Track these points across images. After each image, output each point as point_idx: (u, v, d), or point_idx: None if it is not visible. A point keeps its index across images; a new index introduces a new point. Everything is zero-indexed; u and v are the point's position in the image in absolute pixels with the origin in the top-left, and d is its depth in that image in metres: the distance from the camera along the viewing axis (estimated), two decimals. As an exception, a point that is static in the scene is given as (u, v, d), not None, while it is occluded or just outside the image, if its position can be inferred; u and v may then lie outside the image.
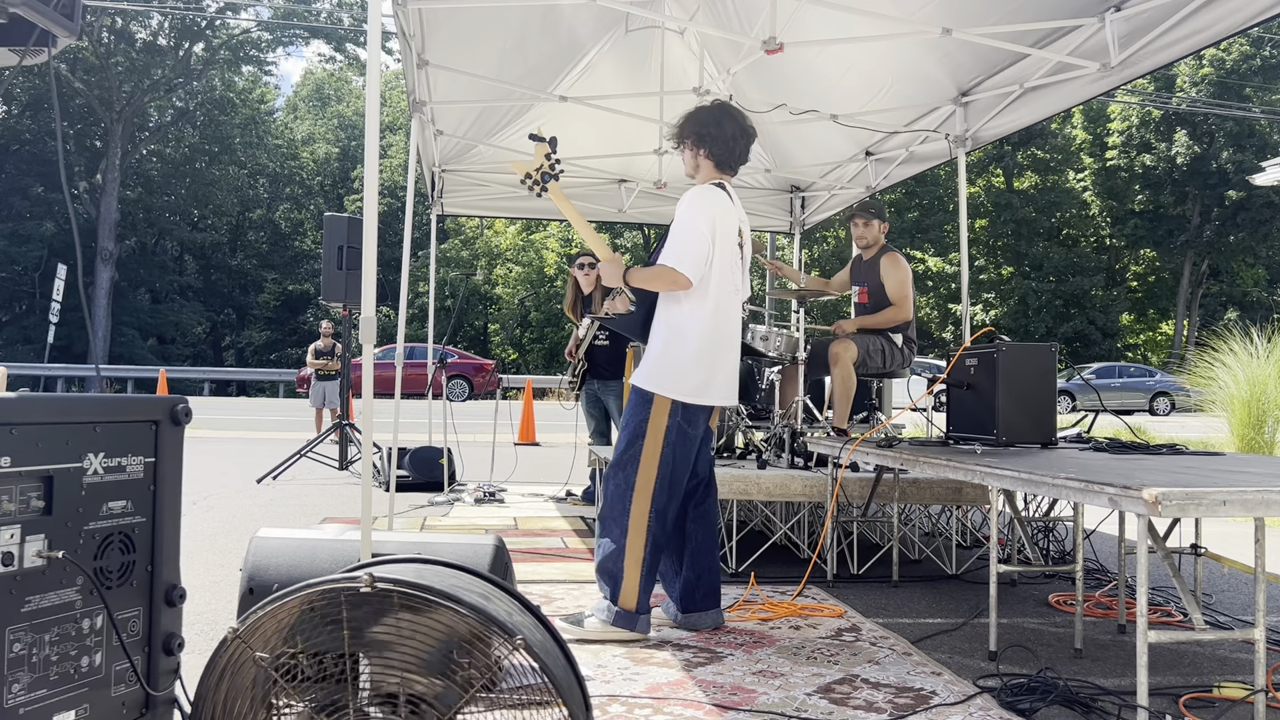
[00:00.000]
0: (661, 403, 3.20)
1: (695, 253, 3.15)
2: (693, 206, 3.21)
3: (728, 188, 3.34)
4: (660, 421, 3.20)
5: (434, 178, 7.91)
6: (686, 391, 3.20)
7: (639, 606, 3.17)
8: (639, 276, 3.25)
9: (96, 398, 1.84)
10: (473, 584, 1.63)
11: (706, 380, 3.22)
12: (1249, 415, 8.01)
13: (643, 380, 3.25)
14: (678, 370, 3.20)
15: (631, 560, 3.17)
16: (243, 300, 40.63)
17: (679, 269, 3.13)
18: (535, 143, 3.36)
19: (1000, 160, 34.86)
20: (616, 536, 3.20)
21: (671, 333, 3.23)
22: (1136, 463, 2.95)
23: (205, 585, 3.94)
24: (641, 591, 3.17)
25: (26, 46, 2.22)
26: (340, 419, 8.70)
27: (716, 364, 3.24)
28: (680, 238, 3.17)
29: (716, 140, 3.31)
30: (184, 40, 35.50)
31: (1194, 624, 2.42)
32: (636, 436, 3.21)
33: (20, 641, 1.66)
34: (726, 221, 3.24)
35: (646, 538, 3.18)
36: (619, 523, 3.20)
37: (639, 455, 3.20)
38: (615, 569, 3.18)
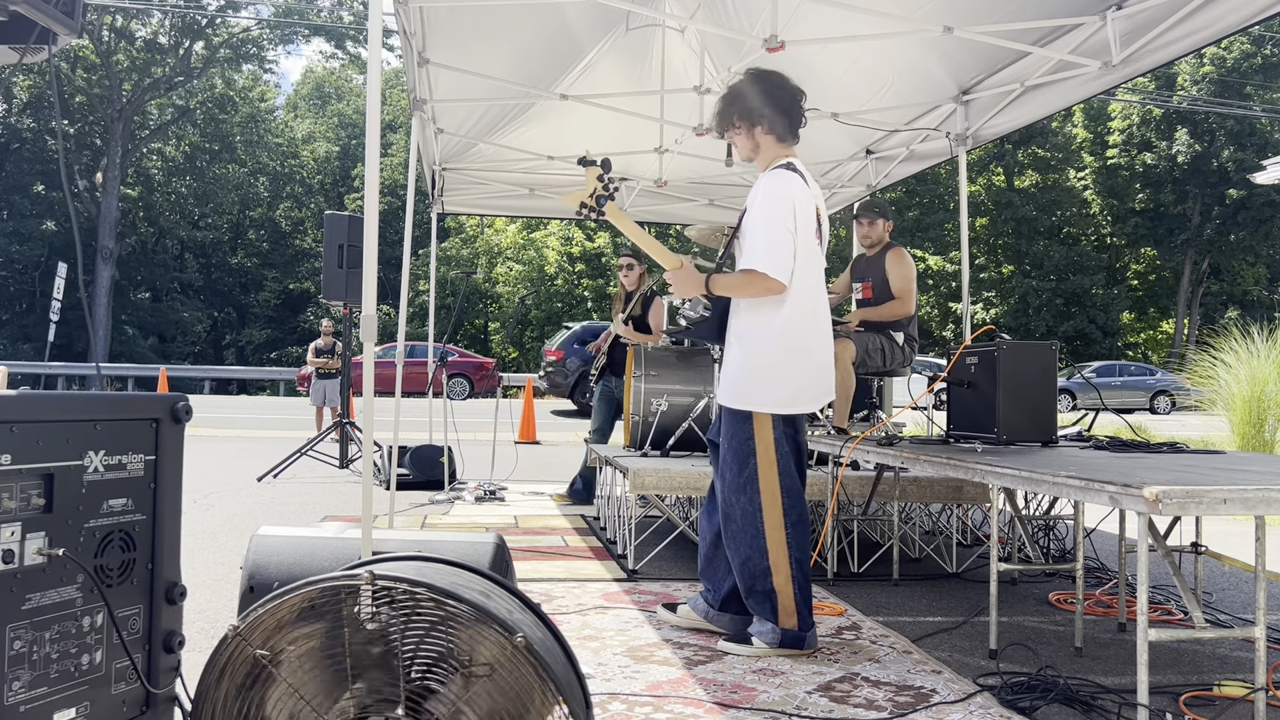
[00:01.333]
0: (761, 419, 3.04)
1: (781, 252, 2.94)
2: (770, 198, 2.98)
3: (798, 166, 3.11)
4: (766, 436, 3.04)
5: (434, 176, 7.91)
6: (780, 402, 3.03)
7: (801, 624, 3.03)
8: (723, 285, 3.05)
9: (97, 396, 1.84)
10: (473, 582, 1.63)
11: (801, 384, 3.05)
12: (1249, 414, 8.00)
13: (731, 399, 3.08)
14: (768, 382, 3.02)
15: (781, 579, 3.03)
16: (243, 299, 40.63)
17: (769, 273, 2.93)
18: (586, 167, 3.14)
19: (1001, 159, 34.85)
20: (759, 560, 3.04)
21: (750, 342, 3.05)
22: (1137, 461, 2.95)
23: (206, 583, 3.94)
24: (799, 607, 3.03)
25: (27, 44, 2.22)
26: (341, 417, 8.70)
27: (810, 364, 3.06)
28: (762, 236, 2.96)
29: (769, 112, 3.08)
30: (185, 38, 35.48)
31: (1194, 622, 2.42)
32: (747, 456, 3.05)
33: (21, 639, 1.66)
34: (805, 207, 3.03)
35: (790, 553, 3.04)
36: (756, 545, 3.04)
37: (755, 474, 3.04)
38: (767, 590, 3.04)
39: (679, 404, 5.17)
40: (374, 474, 6.14)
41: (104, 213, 32.57)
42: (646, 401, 5.19)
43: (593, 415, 6.61)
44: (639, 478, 4.15)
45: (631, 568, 4.32)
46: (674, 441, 5.05)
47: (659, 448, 5.14)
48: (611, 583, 4.09)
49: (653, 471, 4.17)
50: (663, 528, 5.28)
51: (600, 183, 3.13)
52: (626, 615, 3.53)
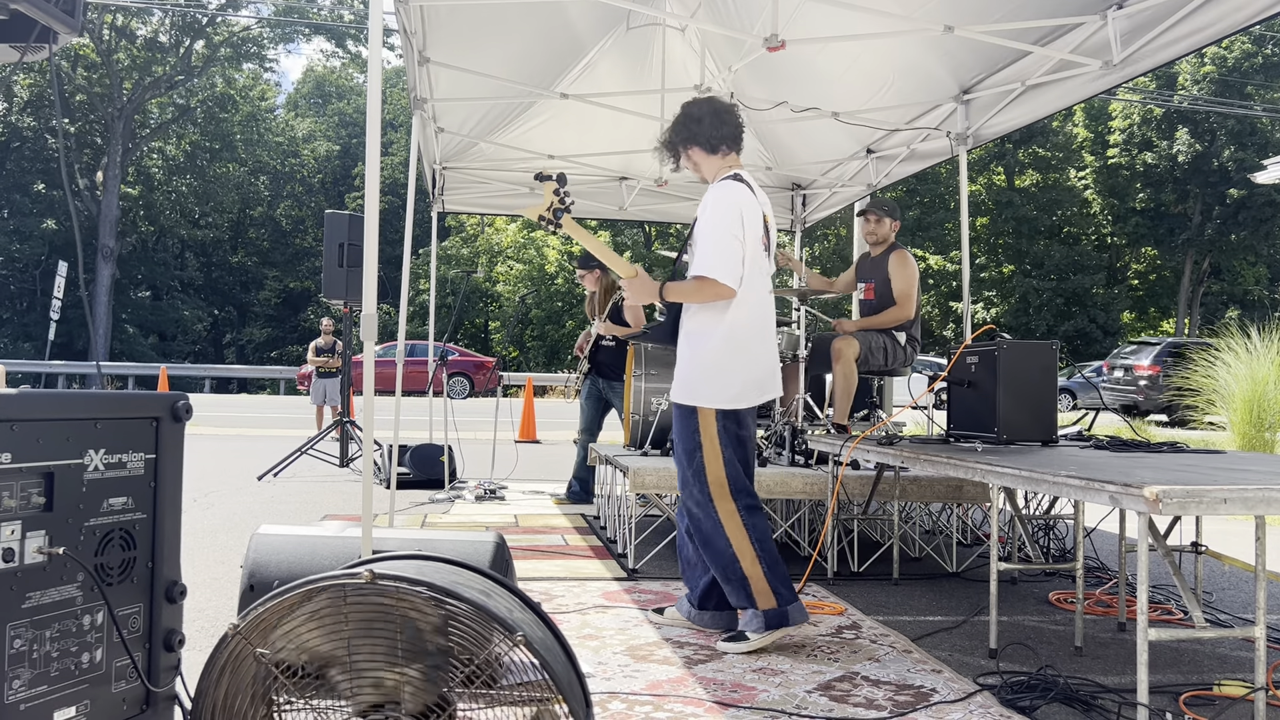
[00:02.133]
0: (705, 414, 3.16)
1: (730, 257, 3.08)
2: (717, 207, 3.14)
3: (745, 176, 3.26)
4: (710, 430, 3.16)
5: (435, 175, 7.91)
6: (727, 399, 3.15)
7: (780, 600, 3.10)
8: (675, 292, 3.19)
9: (97, 394, 1.84)
10: (473, 581, 1.63)
11: (746, 383, 3.17)
12: (1249, 414, 8.00)
13: (681, 395, 3.21)
14: (713, 379, 3.15)
15: (749, 563, 3.11)
16: (243, 297, 40.64)
17: (719, 279, 3.07)
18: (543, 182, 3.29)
19: (1001, 158, 34.83)
20: (723, 548, 3.14)
21: (698, 341, 3.19)
22: (1137, 461, 2.95)
23: (206, 582, 3.94)
24: (772, 585, 3.10)
25: (28, 43, 2.22)
26: (341, 416, 8.70)
27: (752, 363, 3.18)
28: (711, 244, 3.10)
29: (696, 131, 3.25)
30: (185, 37, 35.48)
31: (1194, 622, 2.42)
32: (694, 449, 3.18)
33: (21, 638, 1.66)
34: (752, 215, 3.16)
35: (749, 534, 3.12)
36: (718, 533, 3.14)
37: (703, 467, 3.16)
38: (739, 578, 3.12)
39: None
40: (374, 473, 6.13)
41: (104, 211, 32.58)
42: (646, 400, 5.19)
43: (580, 416, 6.63)
44: (639, 477, 4.15)
45: (631, 567, 4.32)
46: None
47: (659, 446, 5.14)
48: (611, 582, 4.09)
49: (653, 470, 4.17)
50: (663, 527, 5.28)
51: (556, 197, 3.28)
52: (626, 614, 3.53)
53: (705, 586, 3.31)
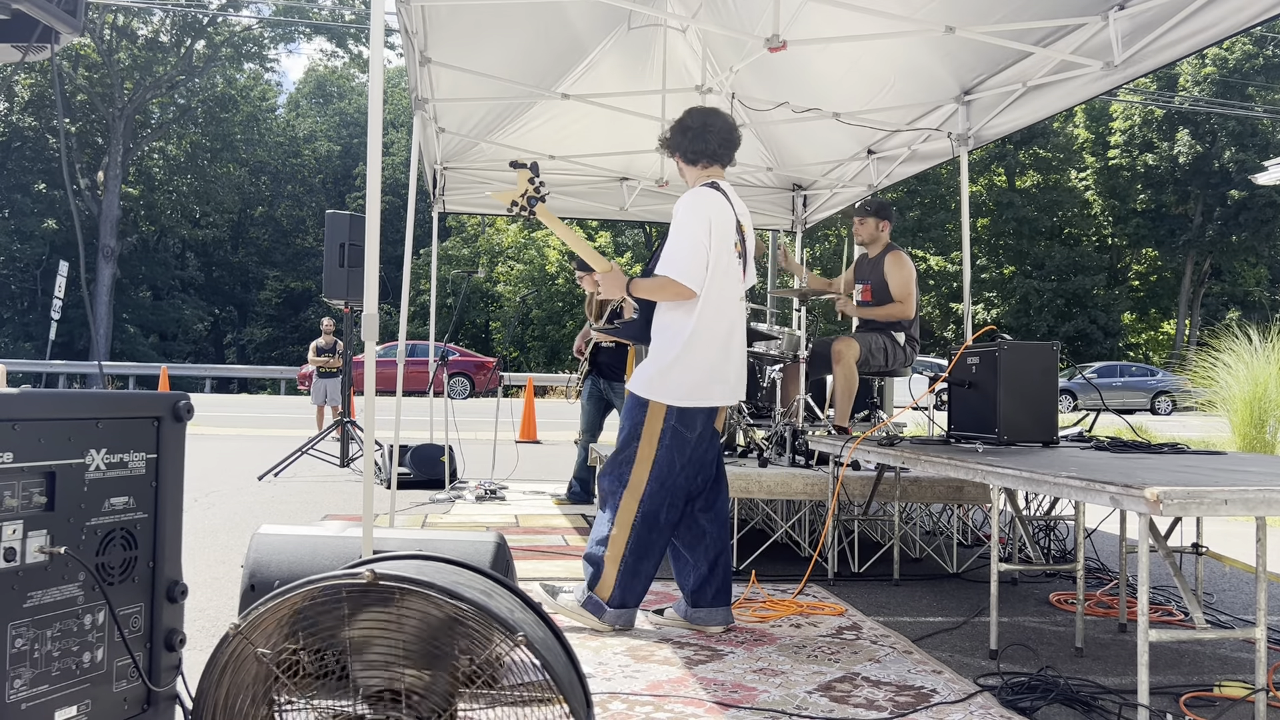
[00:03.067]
0: (655, 407, 3.24)
1: (694, 261, 3.16)
2: (687, 211, 3.22)
3: (722, 186, 3.34)
4: (655, 425, 3.24)
5: (436, 175, 7.91)
6: (679, 396, 3.22)
7: (611, 600, 3.23)
8: (642, 288, 3.28)
9: (98, 394, 1.84)
10: (474, 581, 1.63)
11: (700, 383, 3.23)
12: (1250, 415, 8.00)
13: (637, 385, 3.30)
14: (669, 375, 3.22)
15: (612, 554, 3.24)
16: (244, 297, 40.65)
17: (680, 280, 3.16)
18: (517, 169, 3.37)
19: (1002, 159, 34.83)
20: (605, 528, 3.28)
21: (663, 338, 3.27)
22: (1138, 462, 2.95)
23: (207, 582, 3.94)
24: (618, 586, 3.23)
25: (29, 43, 2.22)
26: (342, 416, 8.70)
27: (712, 367, 3.25)
28: (677, 246, 3.18)
29: (682, 141, 3.36)
30: (186, 37, 35.50)
31: (1195, 623, 2.42)
32: (632, 439, 3.27)
33: (22, 637, 1.66)
34: (723, 221, 3.24)
35: (630, 535, 3.23)
36: (609, 515, 3.28)
37: (633, 457, 3.26)
38: (598, 558, 3.27)
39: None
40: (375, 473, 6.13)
41: (105, 211, 32.60)
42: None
43: (581, 416, 6.62)
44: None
45: (632, 567, 4.32)
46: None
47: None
48: (612, 582, 4.09)
49: (653, 471, 4.16)
50: (663, 527, 5.28)
51: (531, 185, 3.36)
52: (627, 615, 3.53)
53: (697, 583, 3.34)
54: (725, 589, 3.35)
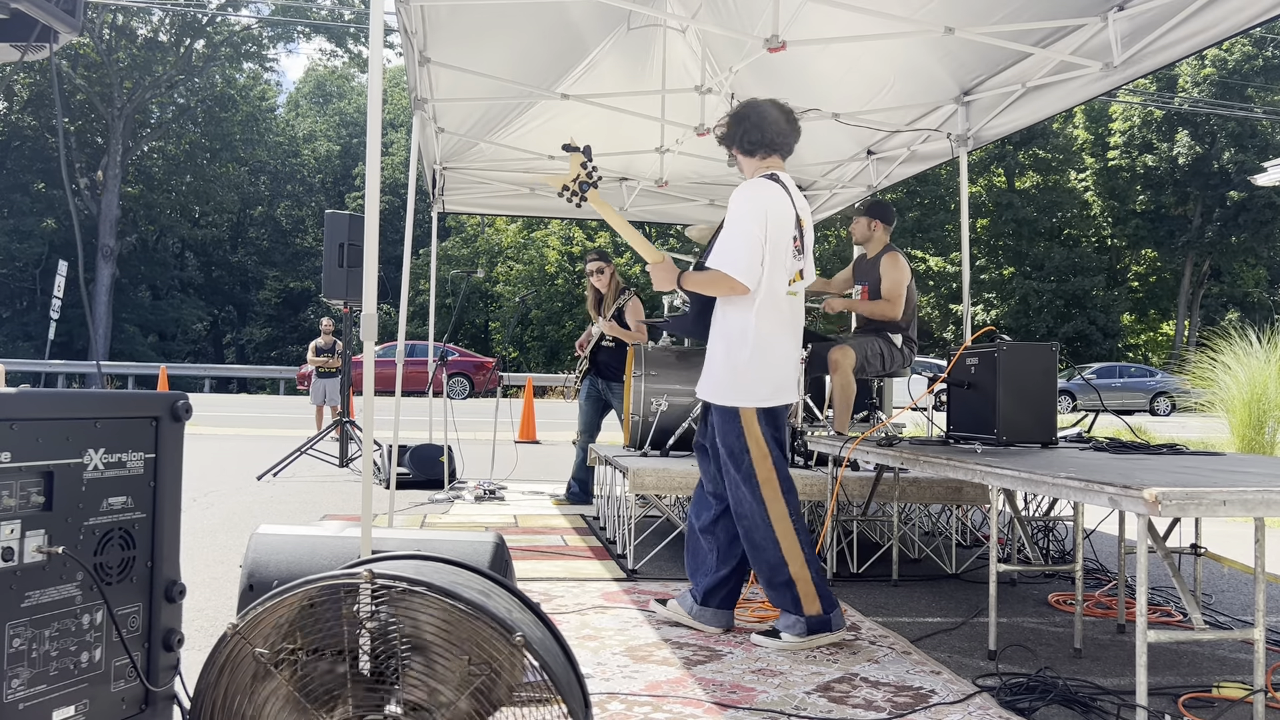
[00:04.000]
0: (748, 414, 3.18)
1: (748, 255, 3.09)
2: (742, 203, 3.14)
3: (781, 178, 3.25)
4: (754, 431, 3.17)
5: (435, 175, 7.91)
6: (765, 397, 3.17)
7: (825, 607, 3.12)
8: (693, 281, 3.21)
9: (97, 393, 1.84)
10: (472, 581, 1.63)
11: (777, 382, 3.19)
12: (1249, 416, 8.00)
13: (720, 397, 3.21)
14: (746, 379, 3.16)
15: (797, 567, 3.13)
16: (243, 297, 40.64)
17: (733, 274, 3.08)
18: (570, 153, 3.28)
19: (1002, 160, 34.84)
20: (771, 552, 3.15)
21: (732, 342, 3.19)
22: (1136, 462, 2.95)
23: (205, 582, 3.94)
24: (819, 591, 3.12)
25: (28, 42, 2.22)
26: (341, 416, 8.70)
27: (783, 362, 3.21)
28: (731, 240, 3.11)
29: (737, 131, 3.28)
30: (185, 36, 35.49)
31: (1193, 624, 2.42)
32: (741, 452, 3.18)
33: (20, 637, 1.66)
34: (780, 214, 3.16)
35: (799, 541, 3.14)
36: (768, 538, 3.15)
37: (752, 470, 3.17)
38: (785, 581, 3.14)
39: (679, 404, 5.17)
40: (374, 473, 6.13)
41: (104, 211, 32.58)
42: (646, 401, 5.19)
43: (579, 417, 6.61)
44: (639, 477, 4.15)
45: (631, 567, 4.32)
46: (674, 441, 5.05)
47: (659, 447, 5.14)
48: (611, 582, 4.09)
49: (652, 471, 4.17)
50: (662, 527, 5.28)
51: (584, 169, 3.29)
52: (626, 615, 3.53)
53: (714, 583, 3.31)
54: (735, 595, 3.34)
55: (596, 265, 6.56)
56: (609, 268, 6.55)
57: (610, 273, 6.53)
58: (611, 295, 6.44)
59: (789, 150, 3.34)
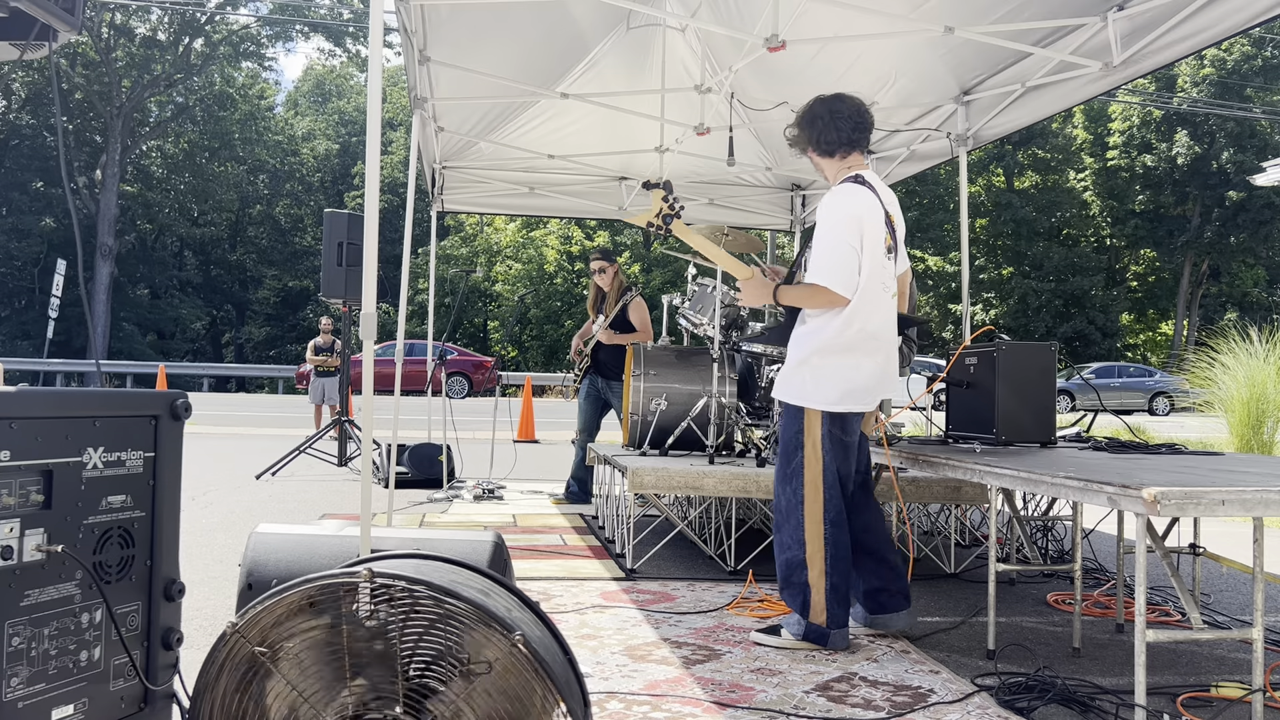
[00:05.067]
0: (811, 415, 3.13)
1: (845, 266, 3.04)
2: (831, 212, 3.10)
3: (866, 177, 3.20)
4: (815, 432, 3.13)
5: (434, 174, 7.90)
6: (832, 401, 3.12)
7: (830, 621, 3.09)
8: (790, 296, 3.16)
9: (96, 392, 1.84)
10: (472, 580, 1.63)
11: (852, 386, 3.12)
12: (1248, 415, 8.01)
13: (787, 395, 3.18)
14: (819, 381, 3.12)
15: (815, 574, 3.10)
16: (242, 296, 40.62)
17: (832, 288, 3.03)
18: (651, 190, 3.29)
19: (1001, 159, 34.86)
20: (796, 551, 3.13)
21: (808, 344, 3.15)
22: (1135, 462, 2.96)
23: (204, 580, 3.94)
24: (829, 604, 3.09)
25: (27, 41, 2.22)
26: (339, 415, 8.70)
27: (862, 367, 3.13)
28: (827, 252, 3.06)
29: (811, 133, 3.24)
30: (184, 35, 35.47)
31: (1192, 624, 2.42)
32: (794, 449, 3.16)
33: (19, 635, 1.66)
34: (872, 217, 3.10)
35: (826, 549, 3.10)
36: (796, 536, 3.13)
37: (801, 468, 3.14)
38: (801, 582, 3.12)
39: (678, 403, 5.17)
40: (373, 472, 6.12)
41: (103, 210, 32.56)
42: (645, 400, 5.19)
43: (578, 416, 6.61)
44: (638, 477, 4.15)
45: (630, 567, 4.32)
46: (673, 441, 5.05)
47: (657, 447, 5.14)
48: (610, 582, 4.09)
49: (651, 471, 4.17)
50: (661, 527, 5.28)
51: (665, 203, 3.26)
52: (625, 614, 3.53)
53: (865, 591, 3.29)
54: (903, 591, 3.28)
55: (600, 264, 6.57)
56: (612, 267, 6.56)
57: (613, 272, 6.55)
58: (614, 294, 6.45)
59: (867, 143, 3.29)
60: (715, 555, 4.62)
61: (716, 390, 4.81)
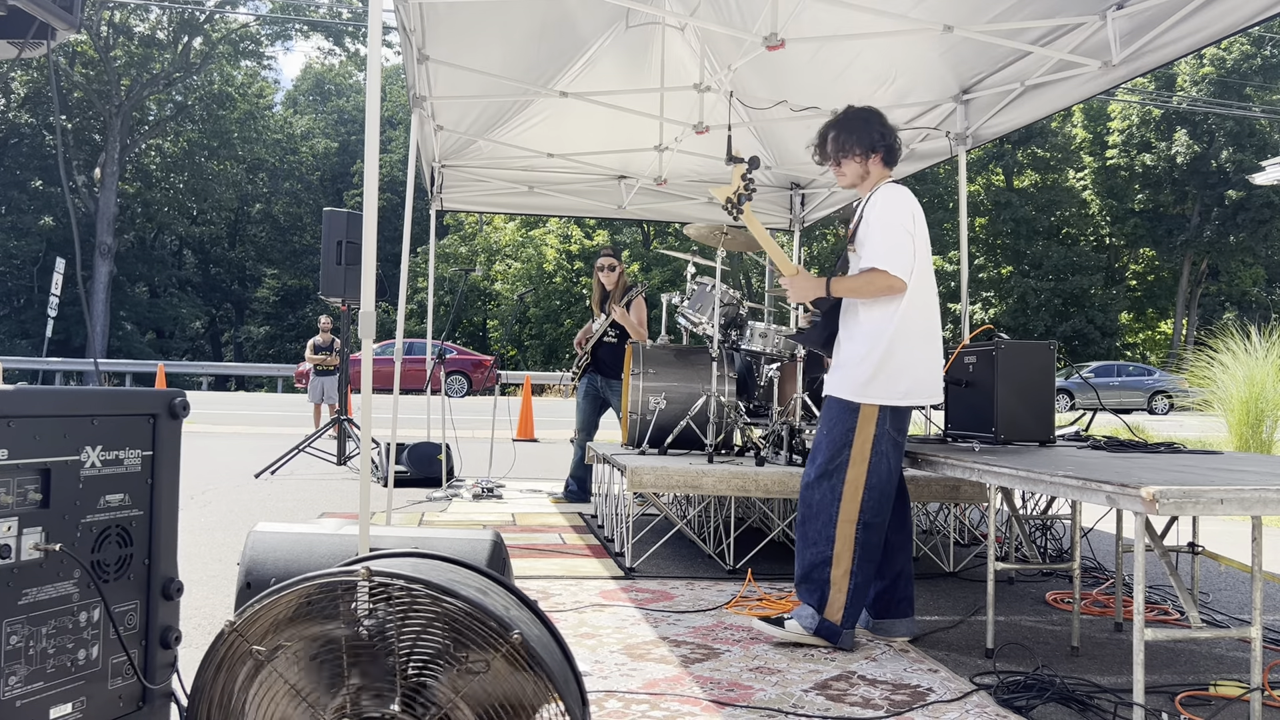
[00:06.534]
0: (869, 411, 3.10)
1: (901, 252, 3.08)
2: (893, 205, 3.14)
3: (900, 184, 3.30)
4: (868, 430, 3.10)
5: (433, 173, 7.90)
6: (898, 396, 3.10)
7: (844, 621, 3.08)
8: (845, 287, 3.16)
9: (94, 391, 1.84)
10: (470, 578, 1.63)
11: (915, 381, 3.12)
12: (1247, 414, 8.01)
13: (846, 391, 3.14)
14: (886, 375, 3.09)
15: (839, 572, 3.08)
16: (241, 295, 40.62)
17: (891, 272, 3.05)
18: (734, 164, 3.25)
19: (1000, 158, 34.86)
20: (823, 548, 3.10)
21: (873, 337, 3.13)
22: (1134, 461, 2.96)
23: (203, 580, 3.94)
24: (849, 605, 3.08)
25: (26, 39, 2.22)
26: (339, 414, 8.69)
27: (924, 362, 3.15)
28: (884, 239, 3.09)
29: (883, 143, 3.27)
30: (183, 34, 35.45)
31: (1190, 622, 2.43)
32: (842, 446, 3.12)
33: (17, 634, 1.66)
34: (921, 219, 3.19)
35: (855, 551, 3.08)
36: (825, 533, 3.11)
37: (845, 465, 3.10)
38: (822, 579, 3.10)
39: (677, 402, 5.17)
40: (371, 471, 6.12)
41: (102, 208, 32.55)
42: (644, 399, 5.19)
43: (577, 414, 6.61)
44: (637, 476, 4.15)
45: (629, 565, 4.32)
46: (672, 440, 5.05)
47: (657, 445, 5.14)
48: (609, 580, 4.09)
49: (650, 470, 4.17)
50: (660, 526, 5.28)
51: (743, 181, 3.23)
52: (624, 613, 3.53)
53: (875, 594, 3.29)
54: (908, 598, 3.29)
55: (611, 261, 6.60)
56: (620, 266, 6.60)
57: (620, 271, 6.58)
58: (619, 293, 6.47)
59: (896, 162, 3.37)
60: (714, 554, 4.62)
61: (716, 389, 4.81)
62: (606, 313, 6.47)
